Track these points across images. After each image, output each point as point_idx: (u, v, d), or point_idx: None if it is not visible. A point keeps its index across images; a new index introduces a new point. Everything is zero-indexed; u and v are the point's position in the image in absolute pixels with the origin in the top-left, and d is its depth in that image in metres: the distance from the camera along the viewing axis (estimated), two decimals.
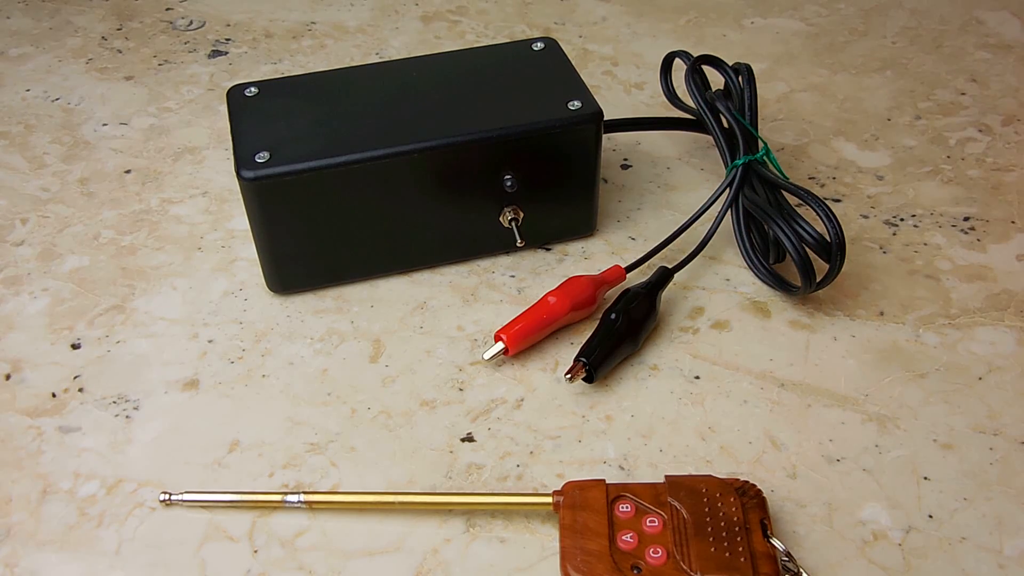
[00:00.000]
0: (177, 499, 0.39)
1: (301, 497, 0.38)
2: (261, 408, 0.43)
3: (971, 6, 0.71)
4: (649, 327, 0.46)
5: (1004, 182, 0.55)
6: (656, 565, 0.34)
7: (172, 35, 0.71)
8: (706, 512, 0.36)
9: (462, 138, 0.45)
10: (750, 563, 0.34)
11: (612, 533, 0.36)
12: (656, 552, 0.35)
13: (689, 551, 0.35)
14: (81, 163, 0.59)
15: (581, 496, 0.37)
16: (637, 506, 0.37)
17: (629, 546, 0.35)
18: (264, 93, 0.48)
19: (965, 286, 0.48)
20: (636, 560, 0.35)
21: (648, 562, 0.35)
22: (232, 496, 0.39)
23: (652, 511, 0.36)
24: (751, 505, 0.36)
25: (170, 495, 0.39)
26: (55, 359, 0.46)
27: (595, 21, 0.71)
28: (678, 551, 0.35)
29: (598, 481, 0.37)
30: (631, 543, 0.35)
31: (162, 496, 0.39)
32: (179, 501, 0.39)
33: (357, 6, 0.73)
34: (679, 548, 0.35)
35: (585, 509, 0.36)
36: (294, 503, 0.38)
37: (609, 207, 0.54)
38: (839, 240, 0.44)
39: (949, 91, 0.63)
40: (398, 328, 0.47)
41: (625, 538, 0.35)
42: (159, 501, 0.39)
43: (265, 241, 0.46)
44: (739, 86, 0.52)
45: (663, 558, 0.35)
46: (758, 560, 0.34)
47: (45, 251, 0.52)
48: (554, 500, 0.37)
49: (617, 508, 0.37)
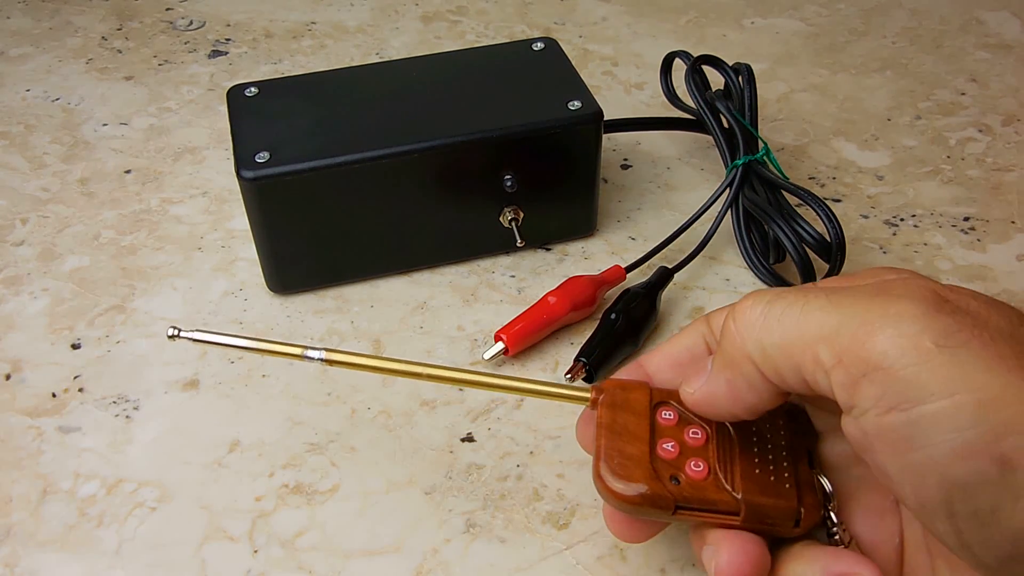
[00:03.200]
0: (186, 335, 0.35)
1: (323, 354, 0.34)
2: (261, 408, 0.43)
3: (971, 6, 0.71)
4: (649, 327, 0.46)
5: (1004, 182, 0.55)
6: (697, 479, 0.31)
7: (172, 35, 0.71)
8: (752, 431, 0.33)
9: (462, 138, 0.45)
10: (795, 490, 0.31)
11: (653, 439, 0.33)
12: (698, 466, 0.32)
13: (732, 469, 0.32)
14: (81, 163, 0.59)
15: (622, 396, 0.34)
16: (680, 415, 0.34)
17: (670, 455, 0.32)
18: (264, 93, 0.48)
19: (965, 286, 0.48)
20: (676, 471, 0.32)
21: (688, 474, 0.32)
22: (246, 342, 0.35)
23: (695, 422, 0.33)
24: (800, 431, 0.34)
25: (179, 330, 0.35)
26: (55, 359, 0.46)
27: (595, 21, 0.71)
28: (720, 467, 0.32)
29: (641, 382, 0.34)
30: (672, 452, 0.32)
31: (171, 331, 0.34)
32: (187, 337, 0.35)
33: (357, 6, 0.73)
34: (722, 465, 0.32)
35: (626, 410, 0.33)
36: (314, 358, 0.34)
37: (609, 207, 0.54)
38: (839, 240, 0.44)
39: (949, 91, 0.63)
40: (398, 328, 0.47)
41: (666, 447, 0.32)
42: (167, 336, 0.35)
43: (265, 241, 0.46)
44: (739, 86, 0.52)
45: (704, 472, 0.32)
46: (803, 488, 0.31)
47: (45, 251, 0.52)
48: (593, 396, 0.34)
49: (660, 414, 0.34)
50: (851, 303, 0.27)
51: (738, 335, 0.29)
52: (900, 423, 0.25)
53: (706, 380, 0.31)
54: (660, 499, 0.31)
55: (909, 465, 0.25)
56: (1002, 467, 0.24)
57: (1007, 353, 0.24)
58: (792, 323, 0.27)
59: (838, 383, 0.26)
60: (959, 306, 0.26)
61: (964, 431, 0.24)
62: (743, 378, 0.29)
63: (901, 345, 0.25)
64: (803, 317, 0.27)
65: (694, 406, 0.32)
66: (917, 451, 0.25)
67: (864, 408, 0.26)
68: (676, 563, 0.37)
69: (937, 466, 0.25)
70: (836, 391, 0.27)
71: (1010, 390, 0.24)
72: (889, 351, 0.25)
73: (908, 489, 0.26)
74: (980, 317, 0.25)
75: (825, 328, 0.26)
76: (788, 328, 0.27)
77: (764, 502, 0.31)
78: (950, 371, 0.24)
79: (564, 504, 0.39)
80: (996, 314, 0.26)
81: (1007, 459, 0.24)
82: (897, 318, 0.25)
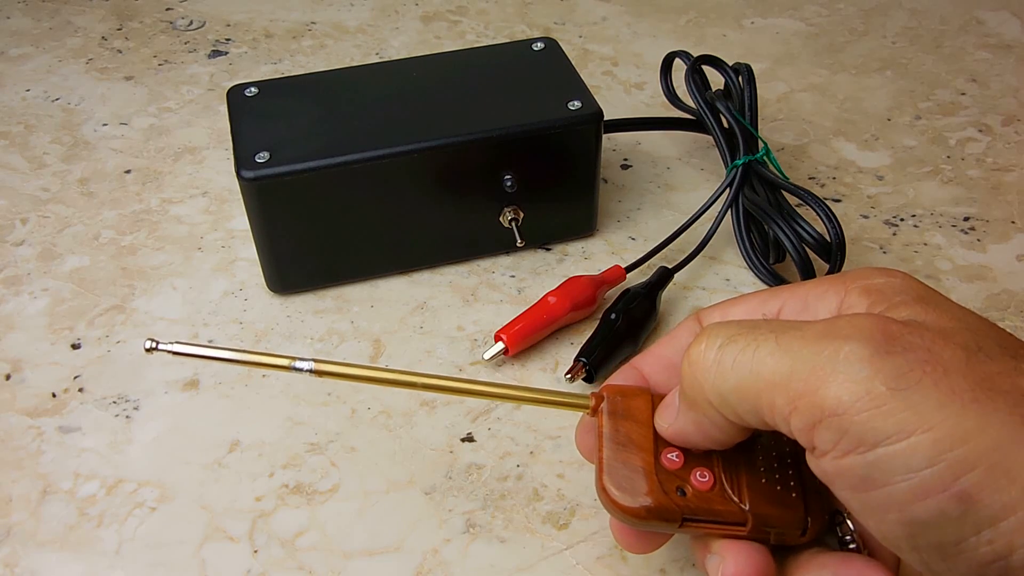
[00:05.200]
0: (164, 348, 0.32)
1: (312, 365, 0.32)
2: (261, 408, 0.43)
3: (971, 6, 0.71)
4: (649, 327, 0.46)
5: (1004, 182, 0.55)
6: (702, 490, 0.31)
7: (172, 35, 0.71)
8: (756, 439, 0.32)
9: (462, 138, 0.45)
10: (801, 498, 0.31)
11: (657, 449, 0.32)
12: (703, 476, 0.31)
13: (737, 478, 0.31)
14: (81, 163, 0.59)
15: (624, 404, 0.33)
16: None
17: (674, 465, 0.32)
18: (264, 93, 0.48)
19: (965, 286, 0.49)
20: (681, 482, 0.31)
21: (694, 485, 0.31)
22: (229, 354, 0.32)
23: None
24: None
25: (157, 342, 0.32)
26: (55, 359, 0.46)
27: (595, 21, 0.71)
28: (725, 477, 0.31)
29: (642, 388, 0.34)
30: (676, 463, 0.32)
31: (147, 344, 0.32)
32: (166, 350, 0.32)
33: (357, 6, 0.73)
34: (727, 474, 0.31)
35: (628, 419, 0.32)
36: (303, 369, 0.32)
37: (609, 207, 0.54)
38: (839, 240, 0.44)
39: (949, 91, 0.63)
40: (398, 328, 0.47)
41: (670, 456, 0.32)
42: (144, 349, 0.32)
43: (265, 241, 0.46)
44: (739, 86, 0.52)
45: (709, 482, 0.31)
46: (809, 495, 0.31)
47: (45, 251, 0.52)
48: (593, 403, 0.33)
49: None
50: (800, 347, 0.27)
51: (695, 380, 0.29)
52: (858, 465, 0.25)
53: (675, 418, 0.31)
54: (666, 512, 0.31)
55: (870, 503, 0.26)
56: (962, 503, 0.24)
57: (960, 386, 0.24)
58: (745, 370, 0.27)
59: (796, 428, 0.26)
60: (910, 342, 0.25)
61: (921, 471, 0.24)
62: (707, 419, 0.30)
63: (853, 391, 0.25)
64: (755, 364, 0.27)
65: (670, 439, 0.32)
66: (877, 490, 0.25)
67: (823, 450, 0.26)
68: (676, 563, 0.37)
69: (897, 505, 0.25)
70: (795, 435, 0.27)
71: (964, 424, 0.24)
72: (842, 397, 0.25)
73: (871, 523, 0.26)
74: (932, 351, 0.25)
75: (777, 375, 0.26)
76: (742, 375, 0.27)
77: (771, 512, 0.31)
78: (904, 413, 0.24)
79: (564, 504, 0.39)
80: (950, 344, 0.26)
81: (966, 495, 0.24)
82: (847, 362, 0.25)
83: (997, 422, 0.24)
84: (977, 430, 0.24)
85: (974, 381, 0.25)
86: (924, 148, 0.58)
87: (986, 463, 0.23)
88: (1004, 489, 0.23)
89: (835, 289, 0.30)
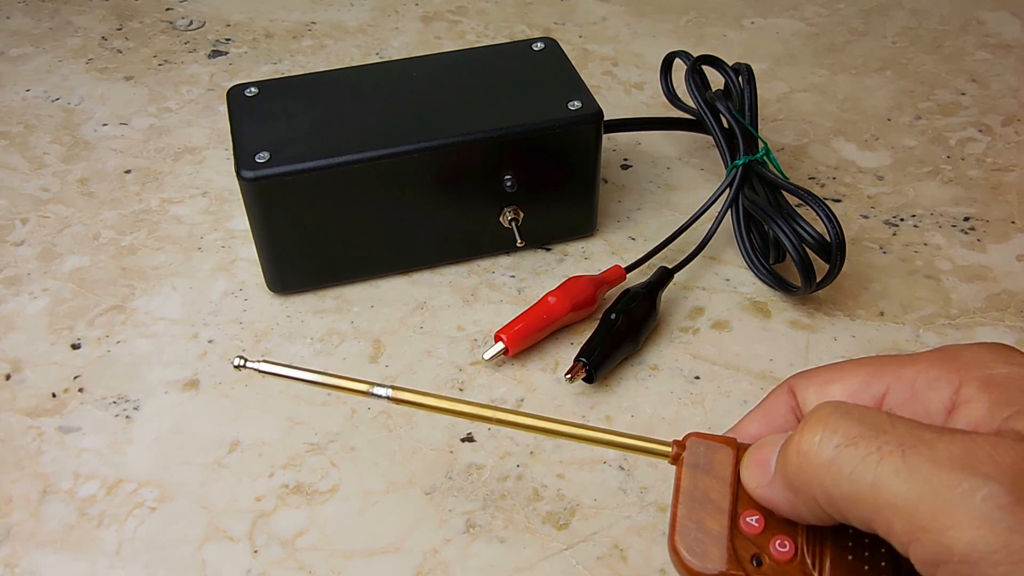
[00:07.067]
0: (252, 366, 0.33)
1: (390, 392, 0.32)
2: (261, 408, 0.43)
3: (971, 6, 0.71)
4: (649, 327, 0.46)
5: (1004, 182, 0.55)
6: (781, 560, 0.28)
7: (172, 35, 0.71)
8: None
9: (462, 138, 0.45)
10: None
11: (735, 510, 0.29)
12: (783, 545, 0.29)
13: (822, 552, 0.28)
14: (81, 163, 0.59)
15: (706, 457, 0.30)
16: None
17: (753, 531, 0.29)
18: (264, 93, 0.48)
19: (965, 286, 0.49)
20: (759, 550, 0.29)
21: (772, 555, 0.28)
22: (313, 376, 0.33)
23: None
24: None
25: (245, 360, 0.33)
26: (55, 359, 0.46)
27: (595, 21, 0.71)
28: (808, 549, 0.29)
29: (729, 439, 0.31)
30: (756, 528, 0.29)
31: (236, 361, 0.33)
32: (254, 368, 0.33)
33: (357, 6, 0.73)
34: (810, 546, 0.29)
35: (709, 474, 0.30)
36: (381, 395, 0.32)
37: (609, 207, 0.54)
38: (839, 240, 0.44)
39: (949, 91, 0.63)
40: (398, 328, 0.47)
41: (750, 520, 0.29)
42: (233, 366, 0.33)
43: (265, 241, 0.46)
44: (739, 86, 0.52)
45: (790, 553, 0.28)
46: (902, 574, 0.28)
47: (45, 251, 0.52)
48: (674, 451, 0.31)
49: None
50: (930, 473, 0.24)
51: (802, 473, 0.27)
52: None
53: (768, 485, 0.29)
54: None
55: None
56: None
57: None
58: (864, 484, 0.25)
59: (916, 557, 0.24)
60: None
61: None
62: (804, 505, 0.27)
63: (989, 542, 0.23)
64: (876, 480, 0.25)
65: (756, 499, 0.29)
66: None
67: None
68: None
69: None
70: (914, 562, 0.25)
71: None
72: (977, 545, 0.23)
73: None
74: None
75: (900, 499, 0.24)
76: (859, 488, 0.25)
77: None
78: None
79: (564, 504, 0.39)
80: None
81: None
82: (985, 506, 0.23)
83: None
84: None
85: None
86: (924, 148, 0.58)
87: None
88: None
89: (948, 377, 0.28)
